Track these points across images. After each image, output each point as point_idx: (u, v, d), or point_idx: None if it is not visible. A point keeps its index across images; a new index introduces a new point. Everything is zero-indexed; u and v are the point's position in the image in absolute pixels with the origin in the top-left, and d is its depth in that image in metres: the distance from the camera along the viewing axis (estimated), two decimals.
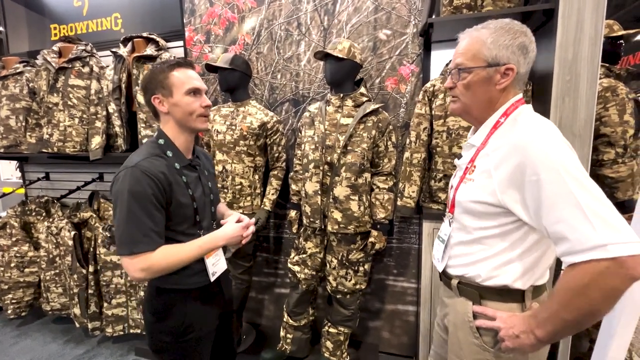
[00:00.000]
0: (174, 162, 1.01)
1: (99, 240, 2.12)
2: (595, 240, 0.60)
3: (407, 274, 1.97)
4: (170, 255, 0.95)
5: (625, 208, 1.49)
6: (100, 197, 2.43)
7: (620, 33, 1.58)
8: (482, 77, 0.79)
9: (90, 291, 2.15)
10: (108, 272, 2.12)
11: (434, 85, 1.58)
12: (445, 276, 0.95)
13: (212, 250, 1.04)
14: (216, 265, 1.11)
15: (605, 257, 0.59)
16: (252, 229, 1.13)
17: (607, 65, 1.57)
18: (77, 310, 2.19)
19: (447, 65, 1.59)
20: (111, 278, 2.12)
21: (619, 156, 1.45)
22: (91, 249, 2.18)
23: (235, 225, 1.08)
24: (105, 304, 2.14)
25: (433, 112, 1.58)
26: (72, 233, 2.14)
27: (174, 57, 1.99)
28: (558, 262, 1.39)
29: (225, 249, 1.86)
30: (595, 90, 1.30)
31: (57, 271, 2.29)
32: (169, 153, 1.01)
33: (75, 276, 2.14)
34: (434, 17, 1.56)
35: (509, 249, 0.78)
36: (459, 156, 0.95)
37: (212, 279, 1.09)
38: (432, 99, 1.59)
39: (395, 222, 1.95)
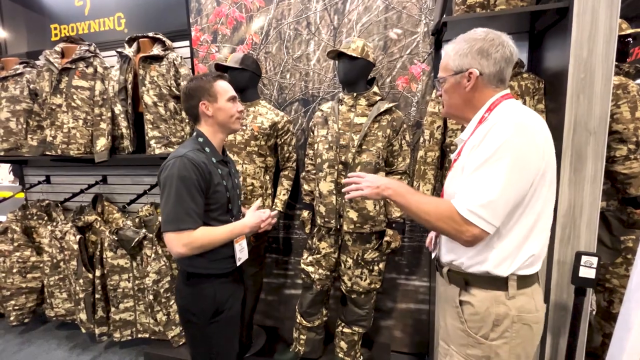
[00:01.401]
0: (212, 156, 1.18)
1: (106, 244, 2.08)
2: (469, 205, 0.80)
3: (419, 273, 1.98)
4: (208, 234, 1.11)
5: (638, 204, 1.51)
6: (104, 200, 2.39)
7: (628, 31, 1.61)
8: (452, 84, 0.92)
9: (97, 296, 2.11)
10: (115, 276, 2.08)
11: None
12: (438, 264, 1.04)
13: (240, 237, 1.21)
14: (242, 252, 1.27)
15: (467, 217, 0.80)
16: (272, 218, 1.28)
17: (617, 63, 1.59)
18: (83, 316, 2.14)
19: None
20: (118, 282, 2.08)
21: (631, 152, 1.47)
22: (97, 253, 2.14)
23: (255, 213, 1.24)
24: (112, 309, 2.10)
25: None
26: (78, 237, 2.10)
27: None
28: (549, 256, 1.42)
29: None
30: (610, 87, 1.31)
31: (62, 276, 2.25)
32: (207, 149, 1.18)
33: (81, 281, 2.10)
34: (446, 16, 1.56)
35: None
36: (453, 151, 1.06)
37: (238, 263, 1.24)
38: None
39: (407, 220, 1.95)
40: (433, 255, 1.09)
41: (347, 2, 1.85)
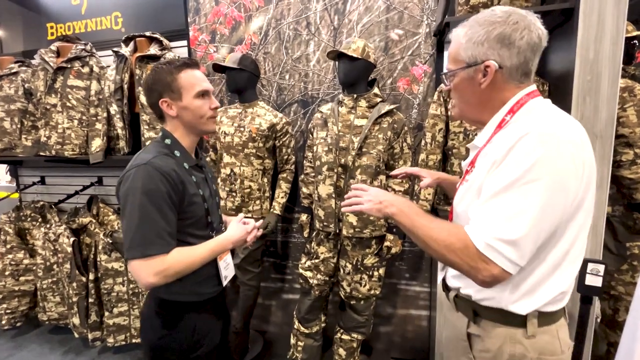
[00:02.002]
0: (183, 161, 0.98)
1: (100, 247, 2.04)
2: (489, 239, 0.64)
3: (420, 278, 1.94)
4: (185, 257, 0.91)
5: None
6: (99, 202, 2.35)
7: (634, 34, 1.58)
8: (464, 79, 0.74)
9: (90, 300, 2.07)
10: (109, 279, 2.03)
11: None
12: (445, 287, 0.90)
13: (223, 253, 1.03)
14: (227, 269, 1.09)
15: (486, 254, 0.64)
16: (255, 232, 1.09)
17: (622, 65, 1.56)
18: (76, 320, 2.10)
19: None
20: (112, 286, 2.04)
21: (637, 157, 1.44)
22: (91, 256, 2.10)
23: (239, 225, 1.05)
24: (106, 313, 2.06)
25: (449, 112, 1.55)
26: (72, 239, 2.06)
27: (178, 56, 1.93)
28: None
29: (233, 253, 1.80)
30: (617, 89, 1.28)
31: (55, 279, 2.20)
32: (177, 153, 0.98)
33: (74, 284, 2.05)
34: (448, 16, 1.53)
35: None
36: (464, 158, 0.91)
37: (225, 282, 1.07)
38: (448, 99, 1.56)
39: None
40: (440, 276, 0.91)
41: (347, 2, 1.82)
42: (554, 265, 0.69)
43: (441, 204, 1.65)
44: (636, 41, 1.59)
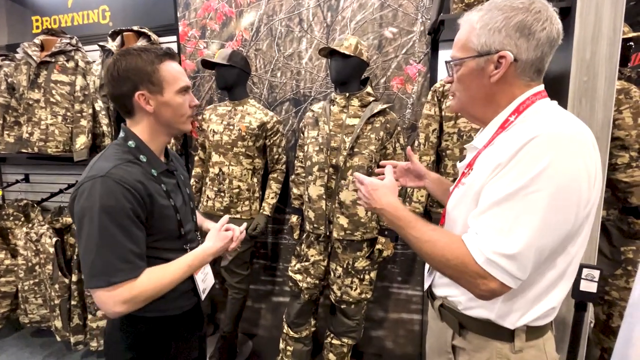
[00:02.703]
0: (150, 168, 0.85)
1: None
2: (490, 253, 0.59)
3: (412, 281, 1.90)
4: (157, 279, 0.80)
5: (637, 213, 1.46)
6: None
7: (630, 35, 1.55)
8: (473, 69, 0.67)
9: (73, 302, 2.00)
10: None
11: (444, 86, 1.52)
12: (430, 295, 0.85)
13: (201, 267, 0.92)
14: (205, 281, 0.99)
15: (485, 269, 0.59)
16: (242, 235, 1.01)
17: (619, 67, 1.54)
18: (58, 323, 2.03)
19: None
20: None
21: (633, 160, 1.41)
22: (74, 257, 2.03)
23: (220, 234, 0.95)
24: (89, 316, 1.99)
25: (443, 113, 1.52)
26: (54, 240, 1.99)
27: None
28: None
29: (219, 258, 1.75)
30: (614, 91, 1.25)
31: (37, 280, 2.13)
32: (143, 158, 0.84)
33: (56, 286, 1.99)
34: (443, 14, 1.50)
35: None
36: (462, 159, 0.84)
37: (203, 296, 0.97)
38: (442, 99, 1.52)
39: None
40: (426, 283, 0.87)
41: None
42: (552, 283, 0.65)
43: (434, 207, 1.61)
44: (632, 43, 1.57)
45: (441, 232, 0.69)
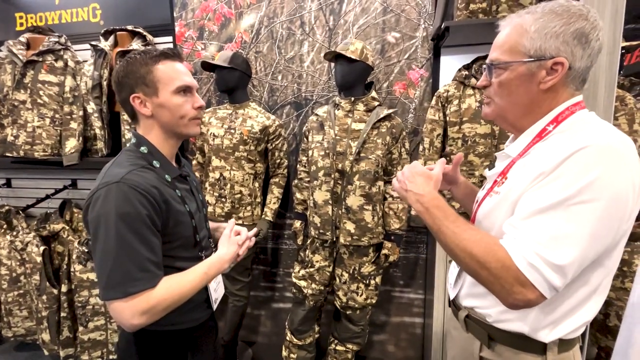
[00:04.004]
0: (164, 174, 0.83)
1: (74, 256, 1.88)
2: (533, 258, 0.58)
3: (414, 285, 1.91)
4: (174, 289, 0.77)
5: None
6: (73, 207, 2.18)
7: (622, 44, 1.62)
8: (521, 74, 0.64)
9: (62, 314, 1.90)
10: (84, 291, 1.88)
11: (448, 91, 1.53)
12: (454, 305, 0.83)
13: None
14: (217, 291, 0.98)
15: (526, 275, 0.58)
16: (248, 242, 0.96)
17: None
18: (46, 336, 1.93)
19: (459, 70, 1.55)
20: (88, 298, 1.89)
21: None
22: (64, 266, 1.93)
23: (231, 240, 0.92)
24: (80, 328, 1.90)
25: (448, 118, 1.53)
26: (42, 248, 1.89)
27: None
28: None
29: None
30: (613, 99, 1.29)
31: (22, 292, 2.02)
32: (156, 163, 0.82)
33: (44, 297, 1.89)
34: (446, 21, 1.51)
35: None
36: (491, 166, 0.85)
37: (215, 306, 0.96)
38: (446, 104, 1.54)
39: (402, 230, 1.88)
40: (452, 294, 0.84)
41: (343, 2, 1.77)
42: (587, 295, 0.64)
43: None
44: (624, 50, 1.63)
45: (480, 231, 0.66)
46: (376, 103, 1.54)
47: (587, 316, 0.66)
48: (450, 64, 1.69)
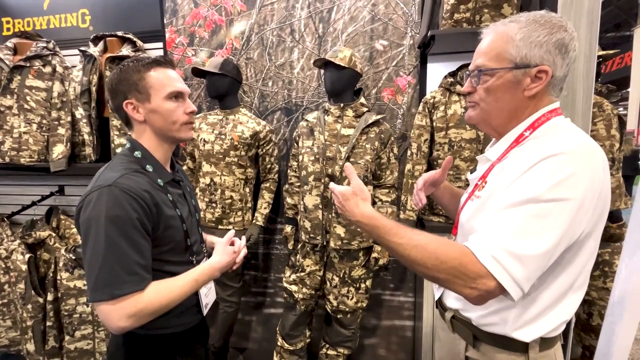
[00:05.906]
0: (157, 178, 0.84)
1: (61, 264, 1.85)
2: (495, 250, 0.59)
3: (404, 288, 1.93)
4: (163, 294, 0.78)
5: (613, 218, 1.57)
6: (60, 213, 2.14)
7: (599, 53, 1.69)
8: (508, 81, 0.67)
9: (48, 323, 1.86)
10: (71, 299, 1.84)
11: (434, 97, 1.58)
12: (441, 306, 0.86)
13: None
14: (208, 296, 0.97)
15: (485, 265, 0.59)
16: (244, 251, 0.99)
17: None
18: (30, 346, 1.88)
19: (445, 77, 1.60)
20: (74, 306, 1.85)
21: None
22: (50, 274, 1.90)
23: (226, 248, 0.94)
24: (67, 337, 1.86)
25: (434, 123, 1.57)
26: (27, 256, 1.85)
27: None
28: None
29: None
30: (591, 105, 1.35)
31: (6, 301, 1.97)
32: (149, 167, 0.84)
33: (29, 306, 1.84)
34: (432, 30, 1.56)
35: None
36: (473, 170, 0.87)
37: (205, 312, 0.95)
38: (433, 110, 1.58)
39: None
40: (437, 293, 0.87)
41: (332, 10, 1.81)
42: (560, 294, 0.66)
43: (426, 214, 1.65)
44: (601, 59, 1.71)
45: (429, 235, 0.67)
46: (365, 109, 1.57)
47: (565, 315, 0.68)
48: (437, 71, 1.73)
